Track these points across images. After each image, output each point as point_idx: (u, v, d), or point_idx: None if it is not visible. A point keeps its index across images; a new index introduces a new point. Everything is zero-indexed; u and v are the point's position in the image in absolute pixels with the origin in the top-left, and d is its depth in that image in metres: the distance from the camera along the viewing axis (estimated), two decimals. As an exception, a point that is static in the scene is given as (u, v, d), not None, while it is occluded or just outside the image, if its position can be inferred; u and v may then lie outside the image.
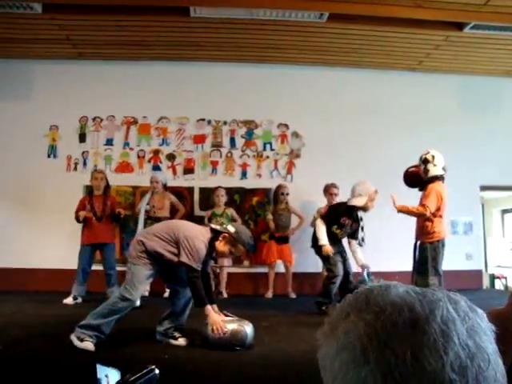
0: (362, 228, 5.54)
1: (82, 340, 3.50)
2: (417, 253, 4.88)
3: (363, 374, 0.55)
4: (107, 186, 6.18)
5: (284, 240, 6.76)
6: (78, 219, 5.97)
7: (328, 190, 6.57)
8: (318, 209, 6.66)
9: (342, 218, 5.35)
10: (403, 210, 4.84)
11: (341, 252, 5.47)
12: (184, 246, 3.64)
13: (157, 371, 0.83)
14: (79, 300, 5.81)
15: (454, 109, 7.58)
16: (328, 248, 5.23)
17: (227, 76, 7.34)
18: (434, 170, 4.72)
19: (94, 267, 6.01)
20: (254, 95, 7.33)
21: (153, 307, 5.03)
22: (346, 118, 7.36)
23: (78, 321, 3.51)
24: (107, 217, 6.02)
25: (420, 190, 4.93)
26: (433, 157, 4.74)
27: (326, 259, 5.36)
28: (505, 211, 11.00)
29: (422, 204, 4.70)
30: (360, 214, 5.48)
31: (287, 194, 6.81)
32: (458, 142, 7.37)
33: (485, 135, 7.47)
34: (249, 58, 7.21)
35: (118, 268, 6.02)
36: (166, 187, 6.59)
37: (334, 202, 6.30)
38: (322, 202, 6.65)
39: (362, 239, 5.58)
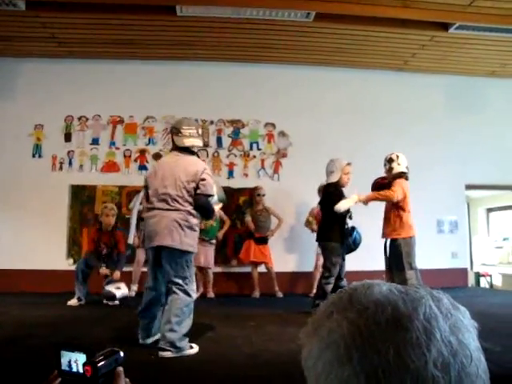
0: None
1: (191, 347, 3.48)
2: (388, 250, 5.00)
3: (346, 373, 0.55)
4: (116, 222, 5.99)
5: (263, 241, 6.74)
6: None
7: (322, 191, 6.51)
8: (311, 209, 6.68)
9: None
10: (371, 198, 4.98)
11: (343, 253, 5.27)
12: (206, 177, 3.55)
13: (121, 354, 0.83)
14: (83, 301, 5.62)
15: (439, 108, 7.64)
16: (360, 197, 4.98)
17: (214, 75, 7.32)
18: (397, 168, 4.97)
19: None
20: (241, 94, 7.33)
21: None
22: (333, 117, 7.37)
23: (65, 322, 3.45)
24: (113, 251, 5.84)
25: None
26: (397, 156, 5.00)
27: (328, 257, 5.11)
28: (490, 210, 11.11)
29: (389, 189, 4.84)
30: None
31: (263, 195, 6.84)
32: (443, 141, 7.44)
33: (470, 135, 7.54)
34: (235, 57, 7.20)
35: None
36: None
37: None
38: (310, 201, 6.66)
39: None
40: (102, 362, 0.79)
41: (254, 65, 7.32)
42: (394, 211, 4.94)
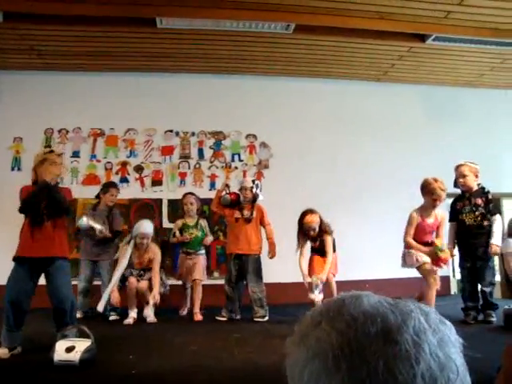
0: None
1: None
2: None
3: (333, 383, 0.54)
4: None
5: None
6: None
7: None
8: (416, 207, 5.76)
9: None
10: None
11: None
12: None
13: None
14: (19, 350, 3.75)
15: (419, 118, 7.74)
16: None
17: (195, 87, 7.32)
18: (260, 195, 5.79)
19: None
20: (222, 106, 7.34)
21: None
22: (314, 128, 7.42)
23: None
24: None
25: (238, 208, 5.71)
26: (257, 185, 5.81)
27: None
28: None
29: (268, 224, 5.78)
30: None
31: None
32: (424, 151, 7.52)
33: (450, 144, 7.61)
34: (216, 68, 7.22)
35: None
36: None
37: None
38: (292, 211, 6.64)
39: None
40: None
41: (235, 76, 7.35)
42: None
